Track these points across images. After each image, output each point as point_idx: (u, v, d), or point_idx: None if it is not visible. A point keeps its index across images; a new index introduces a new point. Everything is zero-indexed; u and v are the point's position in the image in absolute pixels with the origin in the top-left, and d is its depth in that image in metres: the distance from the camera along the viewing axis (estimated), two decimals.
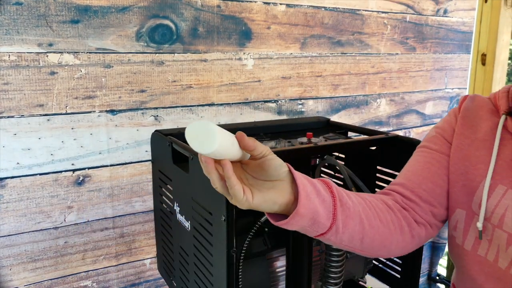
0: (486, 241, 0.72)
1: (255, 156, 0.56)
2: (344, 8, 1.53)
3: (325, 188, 0.63)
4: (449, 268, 2.25)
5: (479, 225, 0.71)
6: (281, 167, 0.58)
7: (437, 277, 2.19)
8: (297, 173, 0.60)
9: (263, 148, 0.56)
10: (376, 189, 1.08)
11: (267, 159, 0.57)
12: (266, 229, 0.91)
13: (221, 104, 1.32)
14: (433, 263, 2.18)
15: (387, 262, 1.06)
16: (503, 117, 0.75)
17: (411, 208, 0.76)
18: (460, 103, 0.83)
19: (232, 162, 0.55)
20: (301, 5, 1.42)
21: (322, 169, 1.15)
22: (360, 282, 1.07)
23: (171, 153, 0.94)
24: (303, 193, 0.58)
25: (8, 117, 1.03)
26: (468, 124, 0.79)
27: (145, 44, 1.16)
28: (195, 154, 0.82)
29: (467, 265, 0.77)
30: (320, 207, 0.60)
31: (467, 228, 0.75)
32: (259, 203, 0.56)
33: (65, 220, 1.14)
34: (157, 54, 1.18)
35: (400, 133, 1.83)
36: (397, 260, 1.03)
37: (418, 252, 0.98)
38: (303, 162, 0.95)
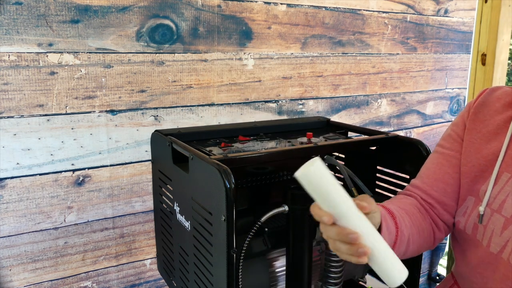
0: (482, 226, 0.76)
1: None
2: (344, 8, 1.53)
3: (392, 222, 0.71)
4: (449, 268, 2.24)
5: (481, 209, 0.75)
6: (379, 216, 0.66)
7: (437, 277, 2.19)
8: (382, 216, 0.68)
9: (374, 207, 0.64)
10: (376, 189, 1.08)
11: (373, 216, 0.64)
12: (266, 229, 0.91)
13: (221, 104, 1.32)
14: (433, 263, 2.18)
15: None
16: None
17: (431, 209, 0.83)
18: (477, 97, 0.86)
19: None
20: (302, 5, 1.42)
21: None
22: (360, 282, 1.07)
23: (171, 153, 0.94)
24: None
25: (8, 117, 1.03)
26: (480, 119, 0.82)
27: (145, 44, 1.16)
28: (196, 154, 0.82)
29: (465, 250, 0.81)
30: (387, 237, 0.69)
31: (471, 213, 0.79)
32: None
33: (65, 221, 1.14)
34: (157, 54, 1.18)
35: (401, 133, 1.82)
36: None
37: None
38: (303, 162, 0.95)
